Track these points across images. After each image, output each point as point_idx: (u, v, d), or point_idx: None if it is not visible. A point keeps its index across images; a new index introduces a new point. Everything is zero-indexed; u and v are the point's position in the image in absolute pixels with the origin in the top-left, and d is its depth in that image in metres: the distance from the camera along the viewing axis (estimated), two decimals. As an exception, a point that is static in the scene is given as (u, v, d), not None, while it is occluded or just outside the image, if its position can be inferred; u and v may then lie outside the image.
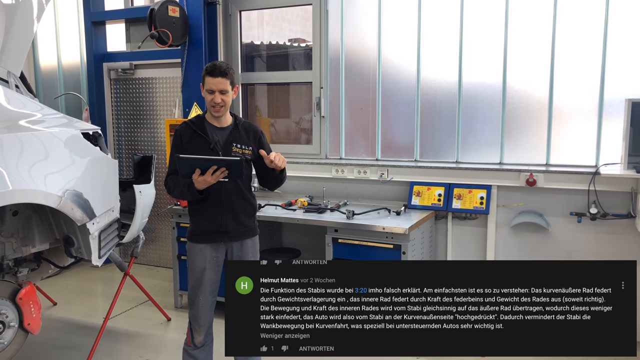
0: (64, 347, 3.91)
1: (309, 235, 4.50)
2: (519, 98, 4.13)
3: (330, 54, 4.70)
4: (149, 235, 5.68)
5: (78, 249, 3.03)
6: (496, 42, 4.13)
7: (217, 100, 2.77)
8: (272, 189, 3.12)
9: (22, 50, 3.37)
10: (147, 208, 3.98)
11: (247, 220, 2.94)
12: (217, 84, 2.75)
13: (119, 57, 5.62)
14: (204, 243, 2.89)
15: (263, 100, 5.35)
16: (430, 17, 4.34)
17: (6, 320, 2.68)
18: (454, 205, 4.14)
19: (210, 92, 2.77)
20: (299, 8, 4.92)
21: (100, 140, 3.32)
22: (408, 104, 4.48)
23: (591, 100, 3.92)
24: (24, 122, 2.80)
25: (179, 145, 2.86)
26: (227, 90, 2.78)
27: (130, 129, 5.72)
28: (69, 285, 5.25)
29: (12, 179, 2.43)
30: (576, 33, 3.93)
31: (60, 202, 2.67)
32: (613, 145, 3.84)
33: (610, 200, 3.78)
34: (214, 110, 2.82)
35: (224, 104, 2.80)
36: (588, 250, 3.88)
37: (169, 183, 2.86)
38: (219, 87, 2.76)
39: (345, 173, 4.56)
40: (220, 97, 2.77)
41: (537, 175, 3.93)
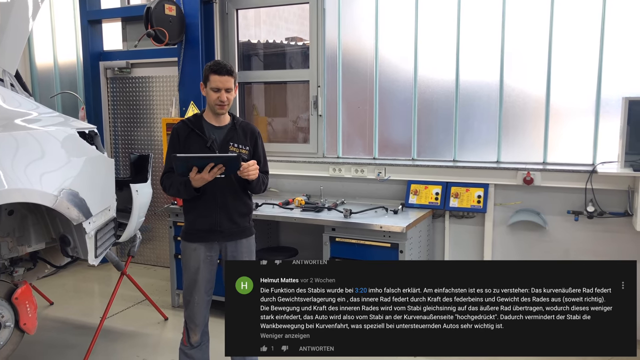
0: (60, 347, 3.89)
1: (306, 234, 4.49)
2: (516, 96, 4.14)
3: (328, 53, 4.69)
4: (145, 235, 5.67)
5: (74, 249, 3.02)
6: (493, 40, 4.13)
7: (223, 98, 2.78)
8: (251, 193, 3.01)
9: (18, 48, 3.35)
10: (144, 207, 3.96)
11: (242, 220, 2.93)
12: (224, 82, 2.76)
13: (115, 55, 5.60)
14: (197, 242, 2.88)
15: (260, 99, 5.34)
16: (427, 16, 4.34)
17: (2, 320, 2.68)
18: (451, 204, 4.14)
19: (215, 90, 2.77)
20: (296, 6, 4.91)
21: (96, 139, 3.31)
22: (405, 103, 4.48)
23: (588, 99, 3.93)
24: (20, 121, 2.79)
25: (176, 144, 2.84)
26: (231, 88, 2.81)
27: (127, 128, 5.69)
28: (66, 284, 5.23)
29: (8, 178, 2.42)
30: (573, 31, 3.93)
31: (56, 202, 2.66)
32: (610, 143, 3.84)
33: (607, 199, 3.79)
34: (218, 108, 2.81)
35: (228, 102, 2.82)
36: (585, 249, 3.89)
37: (165, 181, 2.85)
38: (226, 85, 2.77)
39: (342, 172, 4.55)
40: (225, 95, 2.78)
41: (535, 174, 3.93)
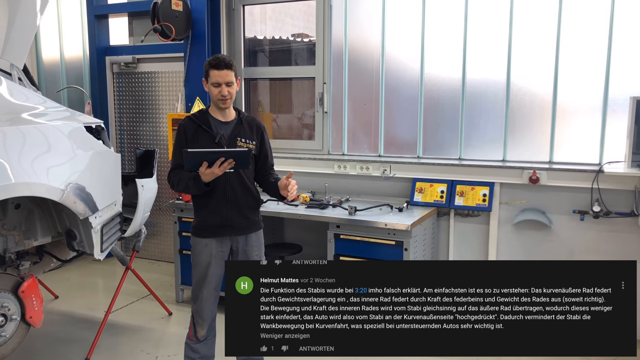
0: (65, 341, 3.93)
1: (311, 231, 4.50)
2: (522, 95, 4.12)
3: (334, 50, 4.68)
4: (150, 230, 5.70)
5: (80, 243, 3.03)
6: (500, 39, 4.11)
7: (224, 93, 2.78)
8: (264, 191, 3.08)
9: (25, 42, 3.36)
10: (149, 202, 3.98)
11: (252, 214, 2.94)
12: (224, 76, 2.76)
13: (121, 50, 5.61)
14: (209, 237, 2.88)
15: (265, 96, 5.34)
16: (434, 13, 4.32)
17: (8, 313, 2.69)
18: (456, 202, 4.14)
19: (216, 85, 2.78)
20: (302, 3, 4.91)
21: (103, 134, 3.32)
22: (411, 101, 4.47)
23: (595, 98, 3.90)
24: (27, 115, 2.81)
25: (183, 140, 2.85)
26: (232, 81, 2.80)
27: (133, 123, 5.72)
28: (71, 278, 5.27)
29: (15, 172, 2.43)
30: (581, 30, 3.90)
31: (62, 196, 2.67)
32: (617, 143, 3.82)
33: (613, 199, 3.77)
34: (221, 103, 2.82)
35: (230, 96, 2.81)
36: (590, 249, 3.87)
37: (173, 178, 2.85)
38: (226, 79, 2.77)
39: (347, 169, 4.55)
40: (226, 89, 2.78)
41: (540, 173, 3.91)
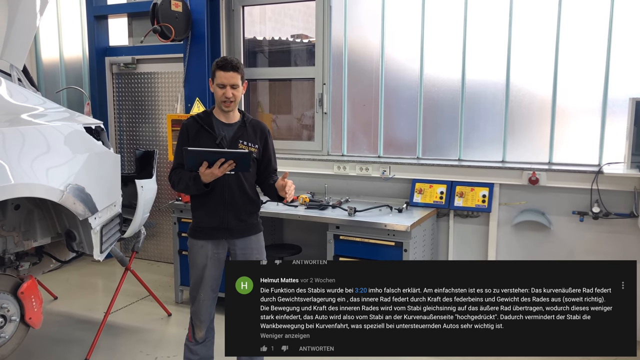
0: (64, 341, 3.92)
1: (310, 232, 4.50)
2: (522, 96, 4.12)
3: (333, 50, 4.69)
4: (150, 230, 5.69)
5: (80, 244, 3.03)
6: (500, 39, 4.11)
7: (228, 95, 2.77)
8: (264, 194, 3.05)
9: (25, 43, 3.36)
10: (149, 203, 3.98)
11: (249, 217, 2.93)
12: (229, 78, 2.75)
13: (121, 51, 5.62)
14: (205, 239, 2.88)
15: (265, 96, 5.34)
16: (433, 14, 4.33)
17: (7, 314, 2.69)
18: (456, 203, 4.13)
19: (221, 87, 2.77)
20: (302, 4, 4.91)
21: (102, 135, 3.32)
22: (411, 101, 4.47)
23: (595, 99, 3.90)
24: (26, 116, 2.80)
25: (185, 140, 2.84)
26: (238, 84, 2.78)
27: (132, 124, 5.71)
28: (70, 279, 5.26)
29: (14, 173, 2.43)
30: (580, 31, 3.91)
31: (62, 197, 2.67)
32: (616, 144, 3.83)
33: (612, 200, 3.77)
34: (224, 105, 2.80)
35: (234, 99, 2.79)
36: (590, 250, 3.87)
37: (174, 177, 2.85)
38: (231, 81, 2.75)
39: (347, 170, 4.55)
40: (231, 92, 2.77)
41: (540, 174, 3.91)
